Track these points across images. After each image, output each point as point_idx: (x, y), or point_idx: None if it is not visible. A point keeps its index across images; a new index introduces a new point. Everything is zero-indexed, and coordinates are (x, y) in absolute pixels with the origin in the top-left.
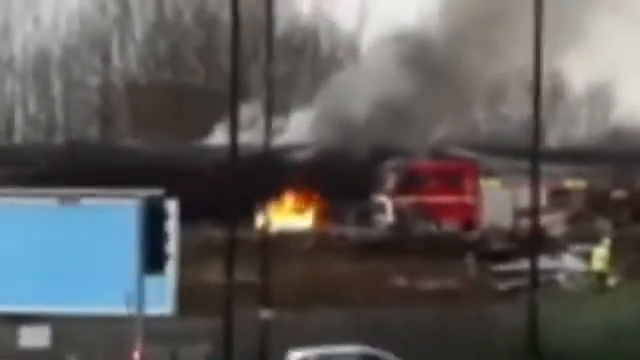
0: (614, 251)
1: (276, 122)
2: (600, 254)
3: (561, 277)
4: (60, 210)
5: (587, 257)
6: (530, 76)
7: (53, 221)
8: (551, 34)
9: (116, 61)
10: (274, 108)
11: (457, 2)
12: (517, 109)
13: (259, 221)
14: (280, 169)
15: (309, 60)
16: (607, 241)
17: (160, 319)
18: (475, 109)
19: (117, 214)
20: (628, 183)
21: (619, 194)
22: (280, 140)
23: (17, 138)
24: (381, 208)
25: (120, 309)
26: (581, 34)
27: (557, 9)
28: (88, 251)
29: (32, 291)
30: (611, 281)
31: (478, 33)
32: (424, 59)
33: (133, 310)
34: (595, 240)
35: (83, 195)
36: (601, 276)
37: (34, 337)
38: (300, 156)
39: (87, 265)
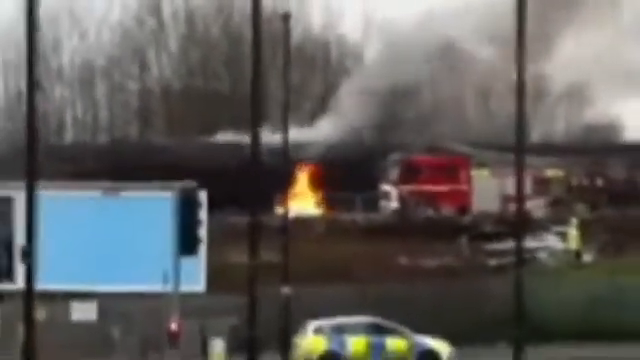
0: (587, 232)
1: (292, 122)
2: (572, 234)
3: (543, 255)
4: (104, 201)
5: (565, 237)
6: (514, 78)
7: (98, 211)
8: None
9: (153, 69)
10: (290, 110)
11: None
12: (503, 108)
13: (279, 208)
14: (297, 163)
15: (320, 68)
16: (575, 222)
17: (192, 295)
18: (466, 108)
19: (154, 204)
20: (601, 172)
21: (593, 182)
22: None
23: (67, 138)
24: (386, 196)
25: (158, 287)
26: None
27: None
28: (129, 236)
29: (81, 271)
30: (587, 258)
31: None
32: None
33: (169, 288)
34: (569, 223)
35: (124, 187)
36: (577, 253)
37: (83, 312)
38: (314, 151)
39: (129, 248)
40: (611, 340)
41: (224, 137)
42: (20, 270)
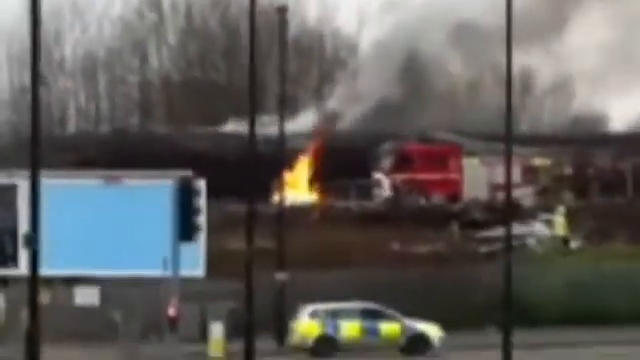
0: (574, 219)
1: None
2: (559, 221)
3: (531, 241)
4: (106, 189)
5: (552, 224)
6: (503, 72)
7: (100, 198)
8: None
9: (153, 61)
10: (286, 101)
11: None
12: (493, 100)
13: (274, 196)
14: (292, 152)
15: (316, 60)
16: (562, 209)
17: (192, 280)
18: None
19: (155, 192)
20: (587, 161)
21: (580, 171)
22: (292, 127)
23: (69, 128)
24: (379, 184)
25: (158, 272)
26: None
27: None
28: (130, 223)
29: (84, 257)
30: (573, 244)
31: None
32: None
33: (169, 273)
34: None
35: (125, 176)
36: (564, 240)
37: (86, 296)
38: (309, 141)
39: (130, 235)
40: (596, 324)
41: (221, 127)
42: (24, 256)
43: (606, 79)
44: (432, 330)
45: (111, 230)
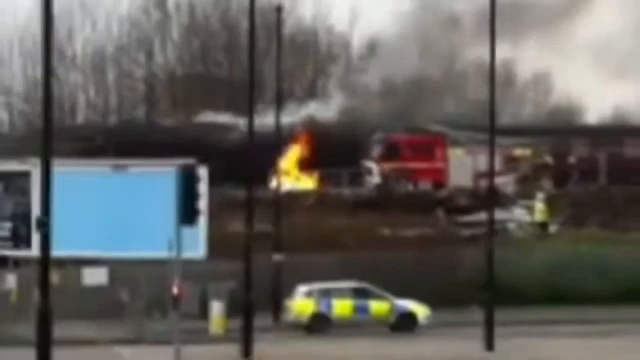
0: (552, 205)
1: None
2: (538, 207)
3: (512, 226)
4: (113, 176)
5: (531, 210)
6: (486, 66)
7: (108, 185)
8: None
9: (158, 56)
10: (283, 94)
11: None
12: (477, 93)
13: (272, 183)
14: (288, 142)
15: (311, 55)
16: (541, 196)
17: (193, 262)
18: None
19: (159, 179)
20: (564, 151)
21: (558, 160)
22: (288, 118)
23: (79, 119)
24: (369, 172)
25: (162, 254)
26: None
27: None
28: (136, 208)
29: (92, 240)
30: (551, 229)
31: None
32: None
33: (172, 254)
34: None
35: (131, 164)
36: (543, 225)
37: (94, 276)
38: (305, 131)
39: (135, 219)
40: (572, 303)
41: (222, 118)
42: (36, 238)
43: (582, 73)
44: (419, 308)
45: (118, 214)
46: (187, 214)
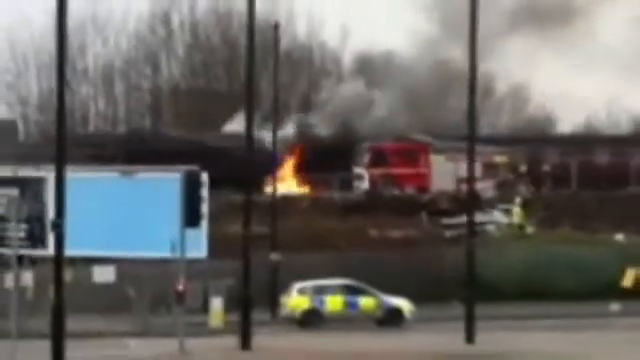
0: (528, 209)
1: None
2: (516, 211)
3: (491, 227)
4: (121, 181)
5: (509, 213)
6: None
7: (116, 189)
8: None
9: (163, 70)
10: (279, 106)
11: None
12: (459, 104)
13: (268, 188)
14: (283, 150)
15: (305, 70)
16: (518, 200)
17: (196, 261)
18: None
19: (164, 184)
20: (539, 158)
21: (533, 167)
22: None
23: (90, 127)
24: (359, 177)
25: (166, 253)
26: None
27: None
28: (142, 211)
29: (102, 240)
30: (528, 230)
31: None
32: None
33: (176, 254)
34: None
35: (138, 170)
36: (520, 227)
37: (103, 274)
38: (299, 140)
39: (142, 221)
40: (547, 299)
41: (222, 128)
42: (51, 239)
43: (556, 86)
44: (405, 304)
45: (126, 217)
46: (191, 217)
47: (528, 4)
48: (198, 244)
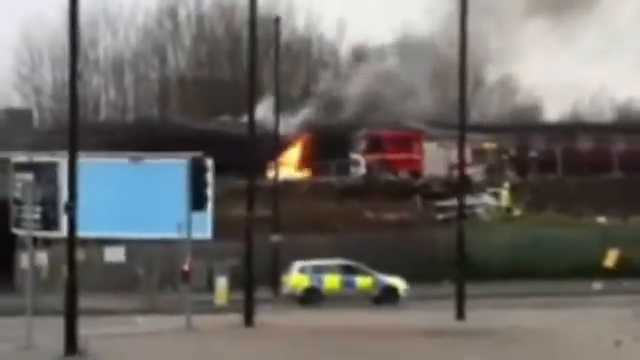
0: (516, 193)
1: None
2: (504, 194)
3: (480, 210)
4: (131, 167)
5: (497, 196)
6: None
7: (126, 174)
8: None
9: (170, 62)
10: (280, 96)
11: None
12: (450, 94)
13: (270, 173)
14: (285, 137)
15: (304, 62)
16: (507, 185)
17: (201, 241)
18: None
19: (171, 169)
20: (525, 145)
21: (520, 153)
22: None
23: (101, 116)
24: (356, 163)
25: (173, 235)
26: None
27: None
28: (151, 195)
29: (112, 222)
30: (516, 213)
31: None
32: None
33: (183, 235)
34: (502, 185)
35: (147, 156)
36: (508, 210)
37: (114, 254)
38: (299, 128)
39: (150, 204)
40: (532, 278)
41: (226, 117)
42: (64, 221)
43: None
44: (399, 283)
45: (135, 200)
46: (197, 201)
47: None
48: (203, 226)
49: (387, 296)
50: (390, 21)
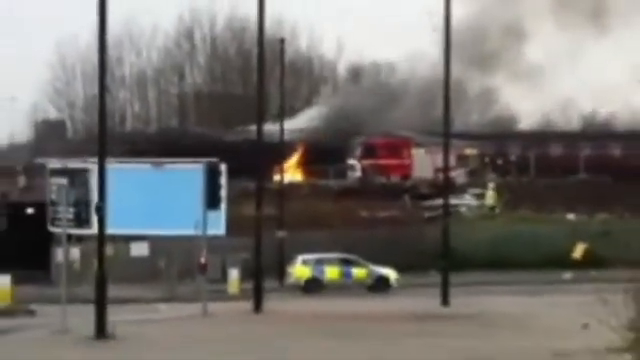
0: (500, 193)
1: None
2: (490, 194)
3: (463, 209)
4: (153, 172)
5: (479, 196)
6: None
7: (149, 178)
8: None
9: (188, 78)
10: (285, 108)
11: None
12: (437, 105)
13: (276, 177)
14: (289, 145)
15: (306, 77)
16: (492, 185)
17: (216, 237)
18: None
19: (189, 173)
20: (502, 151)
21: (499, 158)
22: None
23: (127, 127)
24: (352, 167)
25: (191, 231)
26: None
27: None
28: (171, 196)
29: (137, 220)
30: (497, 211)
31: None
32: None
33: (199, 232)
34: (484, 187)
35: (167, 162)
36: (492, 208)
37: (138, 249)
38: (302, 136)
39: (171, 204)
40: (510, 268)
41: (238, 127)
42: (95, 220)
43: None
44: (391, 273)
45: (157, 201)
46: (212, 201)
47: None
48: (218, 224)
49: (380, 285)
50: (386, 40)
